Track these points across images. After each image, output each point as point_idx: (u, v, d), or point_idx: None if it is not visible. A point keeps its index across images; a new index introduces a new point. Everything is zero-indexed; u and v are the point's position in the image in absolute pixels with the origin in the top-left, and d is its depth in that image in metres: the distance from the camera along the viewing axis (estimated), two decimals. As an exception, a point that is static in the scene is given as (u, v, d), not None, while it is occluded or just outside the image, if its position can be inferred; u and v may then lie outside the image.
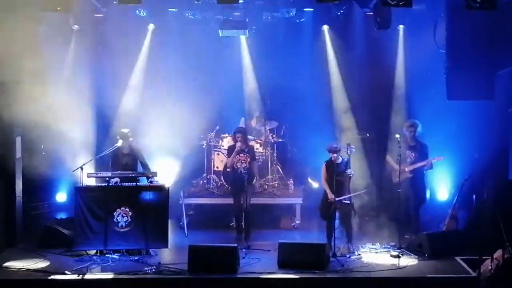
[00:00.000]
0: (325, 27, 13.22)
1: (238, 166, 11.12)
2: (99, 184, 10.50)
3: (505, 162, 11.58)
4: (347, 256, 10.22)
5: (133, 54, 13.08)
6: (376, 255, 10.33)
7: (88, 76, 12.92)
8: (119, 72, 12.90)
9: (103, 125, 12.56)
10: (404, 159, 10.90)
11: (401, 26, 12.52)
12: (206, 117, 13.48)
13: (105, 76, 12.91)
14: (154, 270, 9.55)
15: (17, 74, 10.20)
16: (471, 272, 9.42)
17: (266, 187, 12.78)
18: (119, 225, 10.20)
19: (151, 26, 13.15)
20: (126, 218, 10.22)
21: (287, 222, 12.24)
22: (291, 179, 13.12)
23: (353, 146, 10.39)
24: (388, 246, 10.66)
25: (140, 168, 11.06)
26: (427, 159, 11.06)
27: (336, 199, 10.16)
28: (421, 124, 11.25)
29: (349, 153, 10.29)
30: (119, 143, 10.83)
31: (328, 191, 10.31)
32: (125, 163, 10.89)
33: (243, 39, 13.30)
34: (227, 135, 13.13)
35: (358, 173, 10.93)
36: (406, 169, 10.91)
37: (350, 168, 10.33)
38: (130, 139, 11.00)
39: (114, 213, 10.20)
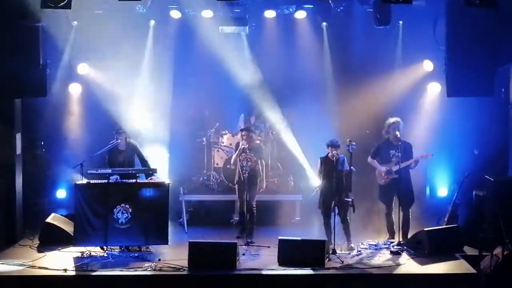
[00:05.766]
0: (324, 25, 13.16)
1: (244, 165, 10.99)
2: (99, 181, 10.48)
3: (505, 159, 11.57)
4: (347, 252, 10.24)
5: (132, 49, 13.04)
6: (376, 252, 10.34)
7: (89, 71, 12.98)
8: (118, 69, 12.89)
9: (103, 122, 12.52)
10: (389, 159, 10.74)
11: (401, 22, 12.48)
12: (206, 113, 13.45)
13: (105, 73, 12.93)
14: (154, 266, 9.56)
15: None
16: (471, 269, 9.42)
17: (266, 184, 12.76)
18: (119, 221, 10.21)
19: (152, 22, 13.10)
20: (126, 214, 10.23)
21: (287, 219, 12.23)
22: (291, 176, 13.11)
23: (354, 143, 10.36)
24: (388, 243, 10.67)
25: (137, 165, 11.00)
26: (414, 157, 10.65)
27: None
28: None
29: (350, 150, 10.27)
30: (121, 137, 10.77)
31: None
32: (122, 160, 10.83)
33: (243, 35, 13.27)
34: (226, 131, 13.13)
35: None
36: (393, 169, 10.62)
37: (351, 165, 10.31)
38: (126, 135, 10.93)
39: (114, 210, 10.22)
